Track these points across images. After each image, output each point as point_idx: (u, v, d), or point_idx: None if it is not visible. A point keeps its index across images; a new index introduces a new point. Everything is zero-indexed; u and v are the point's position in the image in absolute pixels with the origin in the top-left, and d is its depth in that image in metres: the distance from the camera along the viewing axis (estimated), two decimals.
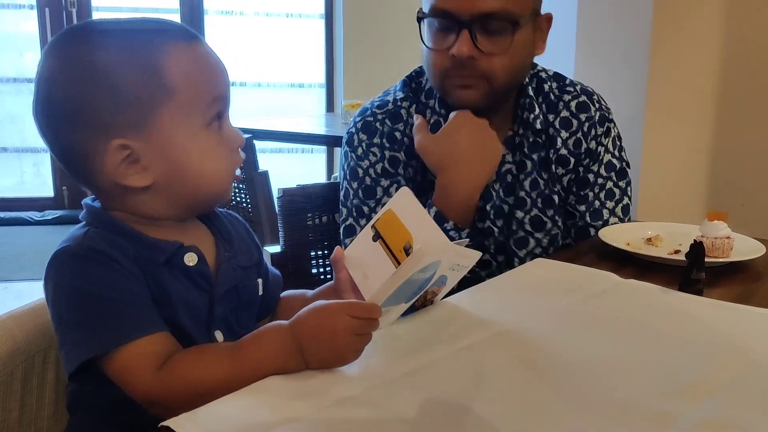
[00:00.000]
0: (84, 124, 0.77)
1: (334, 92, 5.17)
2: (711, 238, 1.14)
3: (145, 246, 0.78)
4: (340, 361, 0.73)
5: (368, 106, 1.36)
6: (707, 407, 0.68)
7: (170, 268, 0.79)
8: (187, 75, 0.78)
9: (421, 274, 0.79)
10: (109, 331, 0.72)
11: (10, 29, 4.71)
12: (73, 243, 0.76)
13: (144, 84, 0.76)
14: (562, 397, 0.70)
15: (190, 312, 0.80)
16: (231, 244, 0.88)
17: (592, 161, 1.32)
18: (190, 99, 0.78)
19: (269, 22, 5.13)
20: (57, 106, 0.78)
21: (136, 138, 0.77)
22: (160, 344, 0.74)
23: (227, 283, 0.84)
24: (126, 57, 0.76)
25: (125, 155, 0.77)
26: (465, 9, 1.14)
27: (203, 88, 0.79)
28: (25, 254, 3.87)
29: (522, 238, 1.30)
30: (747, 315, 0.93)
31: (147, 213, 0.81)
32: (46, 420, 0.88)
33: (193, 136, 0.79)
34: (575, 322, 0.90)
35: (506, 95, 1.26)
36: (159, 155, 0.78)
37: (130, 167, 0.78)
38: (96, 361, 0.73)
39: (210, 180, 0.81)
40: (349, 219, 1.32)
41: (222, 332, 0.83)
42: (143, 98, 0.76)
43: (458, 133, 1.23)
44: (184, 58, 0.79)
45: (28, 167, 4.90)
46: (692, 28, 2.21)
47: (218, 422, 0.63)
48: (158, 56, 0.77)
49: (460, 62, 1.17)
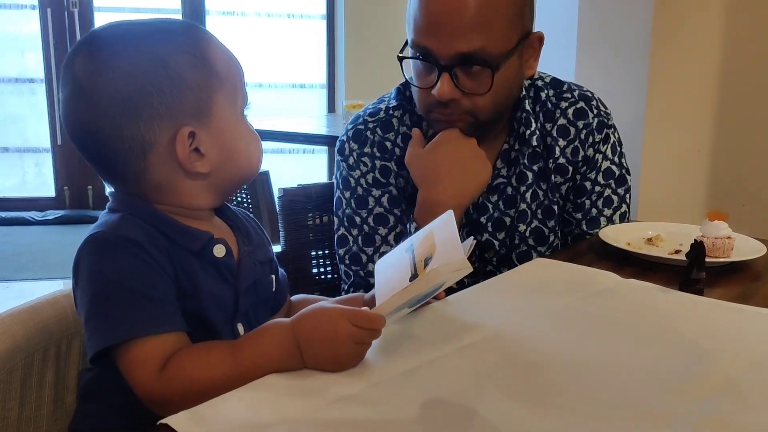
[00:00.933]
0: (148, 114, 0.77)
1: (335, 93, 5.18)
2: (711, 238, 1.13)
3: (181, 233, 0.79)
4: (338, 366, 0.72)
5: (361, 113, 1.35)
6: (707, 406, 0.68)
7: (200, 260, 0.80)
8: (226, 66, 0.82)
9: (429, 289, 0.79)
10: (127, 323, 0.73)
11: (12, 29, 4.72)
12: (107, 229, 0.77)
13: (201, 72, 0.79)
14: (561, 395, 0.70)
15: (217, 304, 0.81)
16: (250, 239, 0.89)
17: (590, 169, 1.30)
18: (233, 87, 0.82)
19: (271, 23, 5.13)
20: (107, 100, 0.76)
21: (199, 125, 0.79)
22: (171, 345, 0.74)
23: (249, 278, 0.85)
24: (177, 47, 0.78)
25: (191, 142, 0.79)
26: (444, 51, 1.12)
27: (238, 78, 0.84)
28: (26, 254, 3.88)
29: (525, 251, 1.30)
30: (747, 315, 0.93)
31: (189, 204, 0.82)
32: (45, 418, 0.87)
33: (238, 122, 0.83)
34: (575, 322, 0.90)
35: (495, 123, 1.24)
36: (216, 141, 0.81)
37: (195, 153, 0.80)
38: (112, 350, 0.73)
39: (251, 162, 0.85)
40: (342, 229, 1.31)
41: (243, 326, 0.84)
42: (202, 86, 0.79)
43: (441, 150, 1.21)
44: (219, 52, 0.82)
45: (29, 167, 4.91)
46: (692, 29, 2.21)
47: (217, 420, 0.63)
48: (206, 47, 0.81)
49: (442, 102, 1.16)
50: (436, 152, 1.22)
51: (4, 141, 4.81)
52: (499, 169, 1.28)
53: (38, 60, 4.59)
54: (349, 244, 1.30)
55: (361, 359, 0.74)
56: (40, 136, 4.72)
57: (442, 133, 1.22)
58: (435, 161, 1.21)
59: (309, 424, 0.63)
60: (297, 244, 1.51)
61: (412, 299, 0.77)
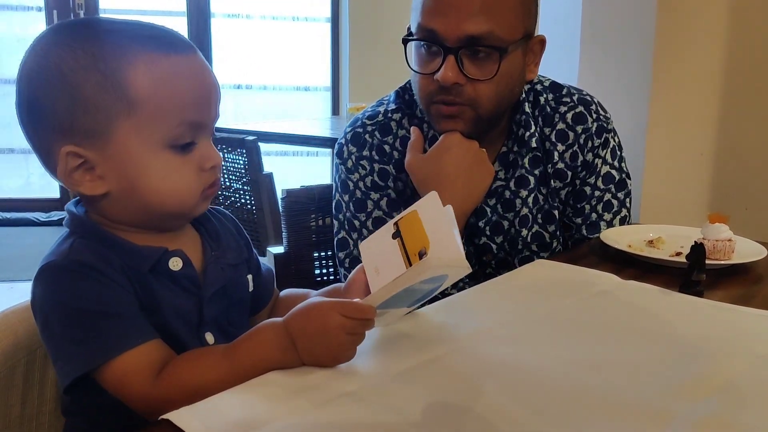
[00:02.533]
0: (42, 125, 0.76)
1: (339, 95, 5.18)
2: (712, 240, 1.14)
3: (129, 254, 0.77)
4: (332, 359, 0.72)
5: (359, 116, 1.34)
6: (706, 406, 0.68)
7: (156, 275, 0.78)
8: (153, 91, 0.74)
9: (426, 285, 0.78)
10: (100, 345, 0.72)
11: (19, 31, 4.74)
12: (59, 257, 0.75)
13: (105, 93, 0.73)
14: (560, 395, 0.70)
15: (179, 317, 0.79)
16: (218, 243, 0.87)
17: (589, 174, 1.30)
18: (152, 117, 0.74)
19: (276, 26, 5.14)
20: (22, 102, 0.77)
21: (91, 147, 0.75)
22: (152, 353, 0.73)
23: (215, 284, 0.83)
24: (92, 63, 0.73)
25: (78, 162, 0.75)
26: (451, 32, 1.11)
27: (171, 109, 0.75)
28: (30, 255, 3.88)
29: (527, 257, 1.29)
30: (747, 316, 0.93)
31: (115, 218, 0.79)
32: (47, 416, 0.88)
33: (153, 154, 0.76)
34: (575, 322, 0.90)
35: (495, 121, 1.23)
36: (115, 168, 0.75)
37: (86, 174, 0.76)
38: (90, 374, 0.73)
39: (170, 198, 0.78)
40: (342, 232, 1.31)
41: (213, 334, 0.82)
42: (101, 108, 0.73)
43: (444, 155, 1.20)
44: (158, 73, 0.74)
45: (34, 168, 4.92)
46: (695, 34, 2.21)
47: (217, 416, 0.64)
48: (127, 67, 0.73)
49: (445, 87, 1.15)
50: (439, 159, 1.20)
51: (9, 142, 4.83)
52: (497, 172, 1.27)
53: None
54: (350, 248, 1.30)
55: (354, 351, 0.73)
56: None
57: (444, 138, 1.21)
58: (438, 169, 1.20)
59: (308, 420, 0.64)
60: (300, 245, 1.51)
61: (406, 292, 0.76)
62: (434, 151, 1.22)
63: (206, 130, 0.80)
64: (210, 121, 0.80)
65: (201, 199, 0.80)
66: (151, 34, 0.77)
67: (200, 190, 0.80)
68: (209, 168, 0.79)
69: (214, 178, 0.81)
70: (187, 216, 0.82)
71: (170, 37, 0.78)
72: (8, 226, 4.51)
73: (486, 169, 1.23)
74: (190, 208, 0.80)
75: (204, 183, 0.80)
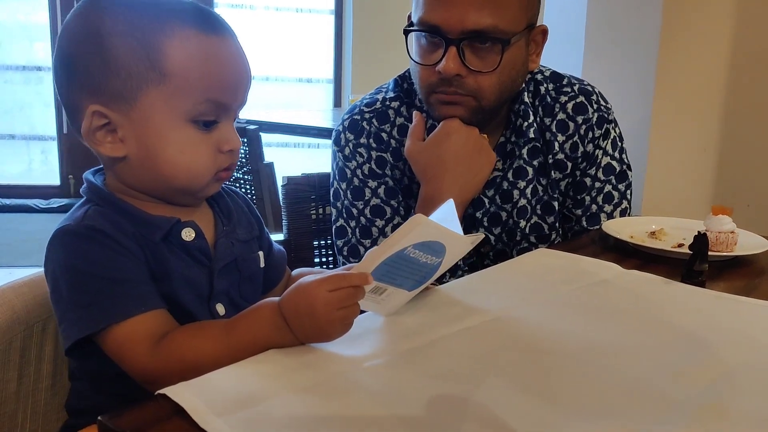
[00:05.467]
0: (74, 81, 0.78)
1: (342, 87, 5.18)
2: (715, 232, 1.13)
3: (142, 223, 0.78)
4: (326, 335, 0.72)
5: (357, 103, 1.33)
6: (706, 393, 0.67)
7: (168, 244, 0.79)
8: (186, 66, 0.76)
9: (423, 255, 0.77)
10: (104, 309, 0.73)
11: (22, 18, 4.74)
12: (73, 222, 0.77)
13: (138, 60, 0.75)
14: (559, 380, 0.70)
15: (190, 287, 0.80)
16: (230, 219, 0.88)
17: (589, 165, 1.28)
18: (180, 90, 0.76)
19: (279, 17, 5.14)
20: (59, 57, 0.79)
21: (117, 110, 0.76)
22: (155, 322, 0.74)
23: (226, 258, 0.84)
24: (130, 29, 0.75)
25: (103, 123, 0.77)
26: (454, 25, 1.10)
27: (199, 85, 0.77)
28: (29, 241, 3.89)
29: (525, 248, 1.28)
30: (748, 306, 0.93)
31: (130, 183, 0.81)
32: (43, 392, 0.88)
33: (174, 126, 0.77)
34: (575, 309, 0.89)
35: (495, 111, 1.22)
36: (136, 133, 0.77)
37: (108, 135, 0.78)
38: (93, 338, 0.73)
39: (182, 172, 0.79)
40: (340, 220, 1.30)
41: (224, 305, 0.83)
42: (133, 74, 0.75)
43: (444, 142, 1.19)
44: (192, 49, 0.76)
45: (36, 155, 4.92)
46: (700, 27, 2.20)
47: (214, 391, 0.63)
48: (162, 38, 0.75)
49: (446, 79, 1.14)
50: (439, 146, 1.19)
51: (10, 128, 4.83)
52: (495, 163, 1.26)
53: (46, 49, 4.61)
54: (348, 236, 1.30)
55: (350, 324, 0.72)
56: (46, 124, 4.74)
57: (443, 125, 1.20)
58: (438, 156, 1.19)
59: (305, 397, 0.63)
60: (299, 233, 1.51)
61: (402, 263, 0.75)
62: (433, 137, 1.21)
63: (230, 113, 0.81)
64: (236, 105, 0.81)
65: (213, 179, 0.82)
66: (194, 11, 0.79)
67: (214, 170, 0.81)
68: (227, 150, 0.81)
69: (230, 162, 0.82)
70: (196, 194, 0.83)
71: (211, 18, 0.79)
72: (8, 213, 4.52)
73: (486, 156, 1.22)
74: (200, 187, 0.81)
75: (219, 165, 0.81)
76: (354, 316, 0.73)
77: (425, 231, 0.75)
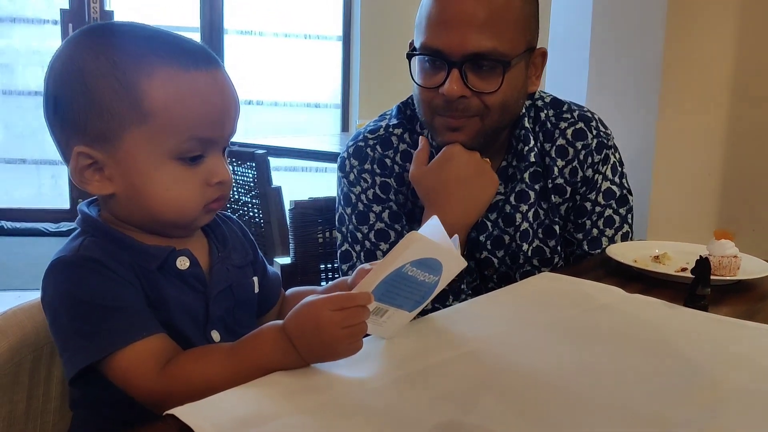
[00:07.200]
0: (60, 122, 0.79)
1: (349, 112, 5.22)
2: (718, 256, 1.14)
3: (137, 253, 0.79)
4: (333, 354, 0.72)
5: (362, 130, 1.35)
6: (709, 417, 0.68)
7: (164, 273, 0.80)
8: (167, 105, 0.75)
9: (420, 273, 0.78)
10: (107, 337, 0.73)
11: (35, 44, 4.80)
12: (69, 253, 0.77)
13: (120, 101, 0.75)
14: (561, 404, 0.70)
15: (186, 314, 0.81)
16: (224, 245, 0.88)
17: (589, 189, 1.30)
18: (163, 129, 0.76)
19: (288, 44, 5.19)
20: (45, 97, 0.80)
21: (101, 150, 0.77)
22: (158, 345, 0.75)
23: (221, 284, 0.84)
24: (111, 70, 0.75)
25: (89, 162, 0.77)
26: (455, 48, 1.13)
27: (182, 124, 0.76)
28: (39, 265, 3.84)
29: (528, 271, 1.29)
30: (751, 331, 0.93)
31: (122, 217, 0.81)
32: (52, 414, 0.89)
33: (159, 164, 0.77)
34: (577, 333, 0.90)
35: (497, 134, 1.24)
36: (121, 172, 0.78)
37: (96, 174, 0.78)
38: (96, 366, 0.74)
39: (171, 209, 0.79)
40: (345, 244, 1.32)
41: (219, 332, 0.83)
42: (115, 114, 0.75)
43: (446, 166, 1.21)
44: (173, 88, 0.76)
45: (46, 179, 4.96)
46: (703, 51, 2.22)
47: (222, 412, 0.64)
48: (143, 78, 0.75)
49: (449, 101, 1.16)
50: (441, 170, 1.21)
51: (21, 153, 4.88)
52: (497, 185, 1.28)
53: None
54: (353, 260, 1.31)
55: (357, 343, 0.73)
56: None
57: (445, 150, 1.22)
58: (441, 180, 1.21)
59: (310, 418, 0.64)
60: (306, 256, 1.52)
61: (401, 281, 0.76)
62: (436, 162, 1.23)
63: (217, 146, 0.81)
64: (223, 138, 0.81)
65: (203, 212, 0.82)
66: (175, 47, 0.78)
67: (203, 203, 0.81)
68: (215, 183, 0.80)
69: (220, 194, 0.82)
70: (188, 227, 0.83)
71: (194, 52, 0.79)
72: (18, 236, 4.55)
73: (489, 179, 1.23)
74: (190, 220, 0.82)
75: (208, 197, 0.81)
76: (361, 335, 0.73)
77: (421, 248, 0.76)
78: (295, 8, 5.19)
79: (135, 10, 4.89)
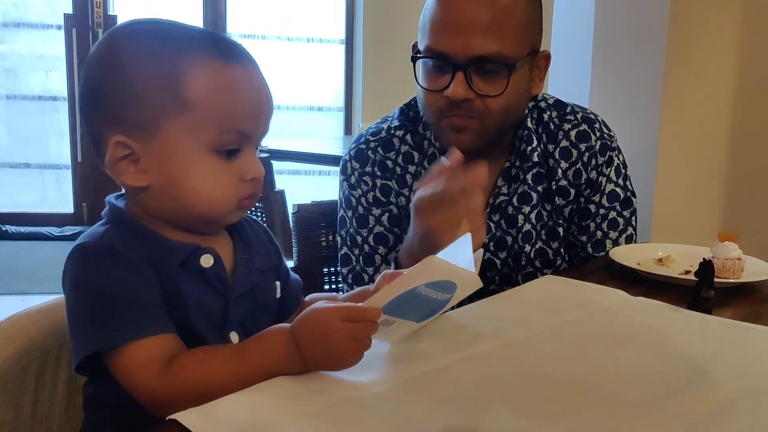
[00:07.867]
0: (98, 111, 0.79)
1: (352, 115, 5.23)
2: (722, 259, 1.14)
3: (161, 248, 0.79)
4: (337, 364, 0.73)
5: (363, 133, 1.36)
6: (712, 420, 0.68)
7: (185, 270, 0.79)
8: (207, 96, 0.76)
9: (434, 293, 0.78)
10: (114, 329, 0.73)
11: (38, 49, 4.82)
12: (92, 240, 0.78)
13: (159, 90, 0.76)
14: (564, 408, 0.70)
15: (204, 314, 0.80)
16: (249, 247, 0.88)
17: (593, 192, 1.30)
18: (202, 120, 0.76)
19: (291, 47, 5.20)
20: (83, 87, 0.81)
21: (139, 140, 0.77)
22: (165, 345, 0.74)
23: (243, 286, 0.84)
24: (153, 60, 0.77)
25: (126, 153, 0.77)
26: (460, 51, 1.13)
27: (221, 115, 0.77)
28: (43, 269, 3.92)
29: (530, 273, 1.29)
30: (755, 333, 0.93)
31: (151, 211, 0.81)
32: (57, 417, 0.89)
33: (196, 155, 0.78)
34: (581, 336, 0.90)
35: (500, 135, 1.24)
36: (158, 163, 0.78)
37: (131, 165, 0.78)
38: (102, 357, 0.74)
39: (204, 202, 0.79)
40: (344, 248, 1.32)
41: (238, 334, 0.82)
42: (154, 104, 0.76)
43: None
44: (214, 79, 0.77)
45: (50, 183, 4.98)
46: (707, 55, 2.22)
47: (225, 417, 0.64)
48: (184, 68, 0.76)
49: (455, 103, 1.16)
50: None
51: (26, 157, 4.89)
52: (500, 188, 1.28)
53: (62, 79, 4.68)
54: (352, 264, 1.31)
55: (361, 356, 0.73)
56: (61, 153, 4.80)
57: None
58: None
59: (314, 423, 0.64)
60: (310, 260, 1.52)
61: (413, 298, 0.76)
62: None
63: (252, 142, 0.81)
64: (258, 133, 0.82)
65: (236, 208, 0.82)
66: (215, 41, 0.80)
67: (236, 199, 0.81)
68: (249, 179, 0.81)
69: (253, 190, 0.82)
70: (218, 222, 0.83)
71: (232, 47, 0.80)
72: (23, 240, 4.56)
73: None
74: (222, 215, 0.82)
75: (241, 193, 0.81)
76: (365, 349, 0.73)
77: (438, 271, 0.76)
78: (297, 12, 5.20)
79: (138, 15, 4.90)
